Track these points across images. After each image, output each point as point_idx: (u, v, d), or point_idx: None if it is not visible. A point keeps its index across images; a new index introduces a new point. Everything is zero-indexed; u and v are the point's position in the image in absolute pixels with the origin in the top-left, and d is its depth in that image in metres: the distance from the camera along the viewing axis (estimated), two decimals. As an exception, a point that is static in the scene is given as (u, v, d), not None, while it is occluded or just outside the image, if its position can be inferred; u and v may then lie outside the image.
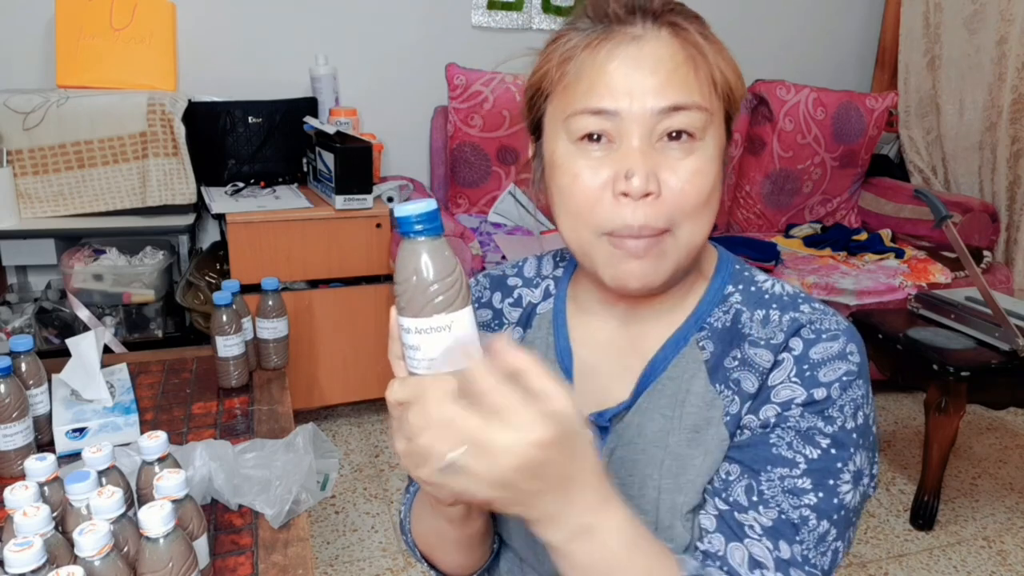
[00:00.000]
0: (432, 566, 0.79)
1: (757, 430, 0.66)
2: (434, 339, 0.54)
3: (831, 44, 3.34)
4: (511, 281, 0.82)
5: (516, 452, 0.49)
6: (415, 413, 0.54)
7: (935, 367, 1.95)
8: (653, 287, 0.66)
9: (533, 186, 0.73)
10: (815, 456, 0.64)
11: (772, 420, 0.65)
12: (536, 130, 0.71)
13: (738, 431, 0.67)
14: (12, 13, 2.37)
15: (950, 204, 2.82)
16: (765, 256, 2.61)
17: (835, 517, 0.64)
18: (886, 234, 2.94)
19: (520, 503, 0.52)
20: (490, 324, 0.81)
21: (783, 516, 0.64)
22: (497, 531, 0.78)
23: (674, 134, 0.63)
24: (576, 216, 0.65)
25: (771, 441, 0.65)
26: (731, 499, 0.66)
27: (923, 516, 2.07)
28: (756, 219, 3.08)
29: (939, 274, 2.59)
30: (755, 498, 0.64)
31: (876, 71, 3.44)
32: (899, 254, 2.75)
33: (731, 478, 0.66)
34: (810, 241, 2.90)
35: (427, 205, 0.54)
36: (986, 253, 2.75)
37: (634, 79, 0.62)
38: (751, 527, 0.64)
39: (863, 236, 2.94)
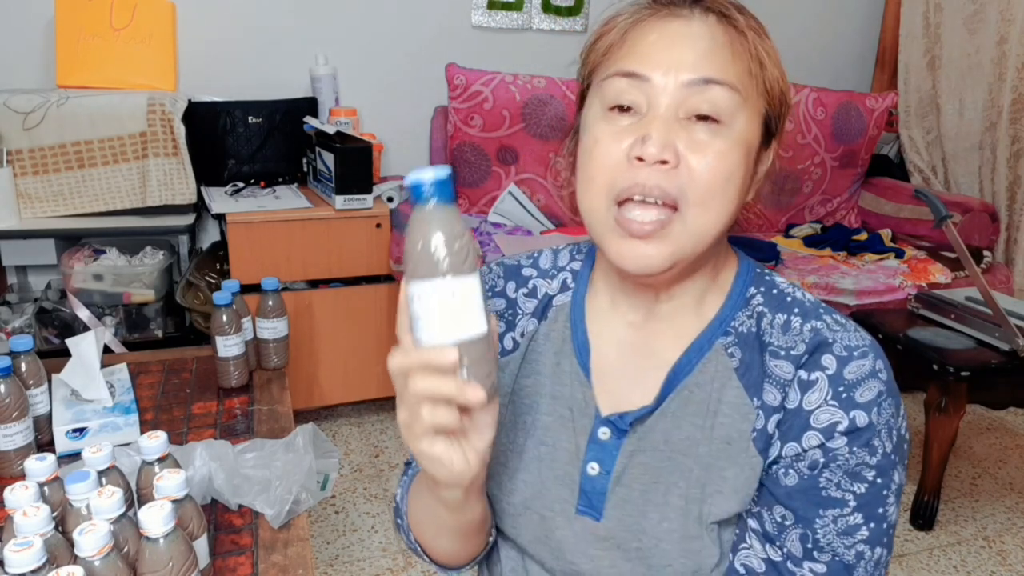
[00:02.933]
0: (424, 553, 0.78)
1: (805, 472, 0.65)
2: (436, 304, 0.54)
3: (831, 44, 3.34)
4: (526, 271, 0.81)
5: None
6: (414, 383, 0.55)
7: (935, 367, 1.95)
8: (652, 271, 0.65)
9: (565, 158, 0.74)
10: (863, 490, 0.64)
11: (820, 459, 0.64)
12: (582, 102, 0.72)
13: (781, 466, 0.66)
14: (12, 13, 2.37)
15: (950, 204, 2.82)
16: (765, 256, 2.61)
17: (885, 539, 0.65)
18: (886, 234, 2.94)
19: None
20: (503, 314, 0.79)
21: (836, 558, 0.64)
22: (497, 527, 0.78)
23: (702, 116, 0.63)
24: (591, 180, 0.65)
25: (821, 485, 0.65)
26: (786, 549, 0.66)
27: (923, 516, 2.07)
28: (756, 219, 3.02)
29: (939, 274, 2.59)
30: (810, 545, 0.65)
31: (876, 71, 3.44)
32: (899, 254, 2.75)
33: (787, 523, 0.66)
34: (810, 241, 2.89)
35: (438, 172, 0.53)
36: (986, 253, 2.75)
37: (671, 52, 0.63)
38: None
39: (863, 236, 2.93)
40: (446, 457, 0.59)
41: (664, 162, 0.61)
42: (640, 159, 0.62)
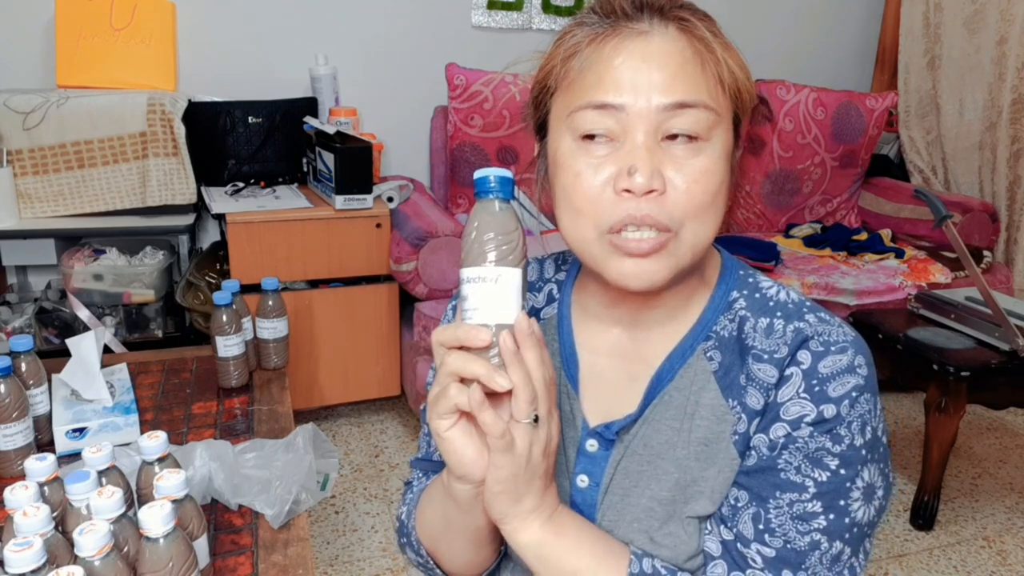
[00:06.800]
0: (436, 565, 0.77)
1: (764, 452, 0.65)
2: (480, 289, 0.59)
3: (831, 44, 3.34)
4: None
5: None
6: (450, 359, 0.58)
7: (935, 367, 1.95)
8: (655, 286, 0.64)
9: (536, 186, 0.72)
10: (824, 478, 0.63)
11: (781, 441, 0.64)
12: (541, 129, 0.70)
13: (748, 452, 0.66)
14: (12, 13, 2.37)
15: (950, 204, 2.82)
16: (765, 256, 2.61)
17: (847, 536, 0.64)
18: (886, 234, 2.94)
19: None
20: None
21: (788, 545, 0.63)
22: (506, 547, 0.77)
23: (680, 136, 0.62)
24: (577, 214, 0.64)
25: (779, 466, 0.64)
26: (736, 529, 0.66)
27: (923, 516, 2.07)
28: (756, 219, 3.08)
29: (939, 274, 2.59)
30: (761, 526, 0.64)
31: (876, 71, 3.44)
32: (899, 254, 2.75)
33: (739, 505, 0.66)
34: (810, 241, 2.89)
35: (503, 171, 0.60)
36: (986, 253, 2.75)
37: (640, 74, 0.61)
38: (753, 559, 0.64)
39: (863, 236, 2.94)
40: (460, 443, 0.60)
41: (652, 190, 0.60)
42: (628, 191, 0.61)
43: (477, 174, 0.60)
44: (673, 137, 0.62)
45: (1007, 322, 1.94)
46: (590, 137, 0.63)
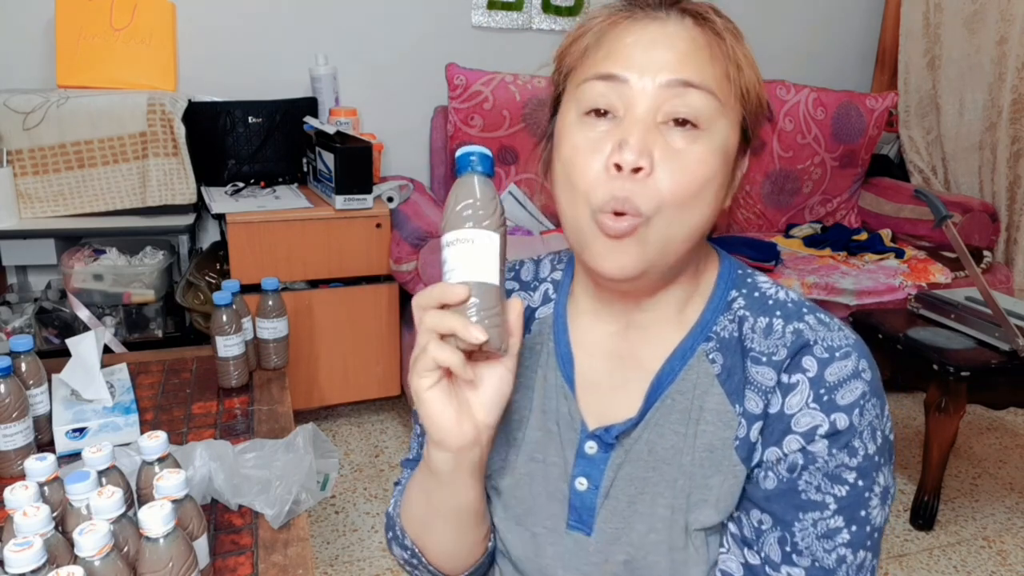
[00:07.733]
0: (421, 555, 0.76)
1: (784, 474, 0.64)
2: (457, 250, 0.60)
3: (831, 44, 3.34)
4: (508, 285, 0.80)
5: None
6: (426, 317, 0.60)
7: (935, 367, 1.95)
8: (626, 273, 0.63)
9: (539, 165, 0.73)
10: (843, 493, 0.63)
11: (800, 461, 0.64)
12: (556, 111, 0.71)
13: (761, 470, 0.65)
14: (12, 13, 2.37)
15: (950, 204, 2.82)
16: (765, 256, 2.60)
17: (868, 543, 0.64)
18: (886, 234, 2.94)
19: None
20: None
21: (816, 564, 0.63)
22: (495, 543, 0.77)
23: (680, 120, 0.61)
24: (574, 191, 0.63)
25: (799, 488, 0.64)
26: (763, 553, 0.65)
27: (923, 516, 2.07)
28: (756, 219, 3.08)
29: (939, 274, 2.59)
30: (788, 548, 0.64)
31: (876, 71, 3.44)
32: (899, 254, 2.75)
33: (763, 528, 0.65)
34: (810, 241, 2.89)
35: (482, 149, 0.61)
36: (986, 253, 2.75)
37: (649, 54, 0.62)
38: None
39: (863, 236, 2.93)
40: (439, 405, 0.61)
41: (639, 169, 0.60)
42: (618, 166, 0.60)
43: (458, 152, 0.61)
44: (673, 122, 0.61)
45: (1007, 322, 1.94)
46: (594, 113, 0.63)
